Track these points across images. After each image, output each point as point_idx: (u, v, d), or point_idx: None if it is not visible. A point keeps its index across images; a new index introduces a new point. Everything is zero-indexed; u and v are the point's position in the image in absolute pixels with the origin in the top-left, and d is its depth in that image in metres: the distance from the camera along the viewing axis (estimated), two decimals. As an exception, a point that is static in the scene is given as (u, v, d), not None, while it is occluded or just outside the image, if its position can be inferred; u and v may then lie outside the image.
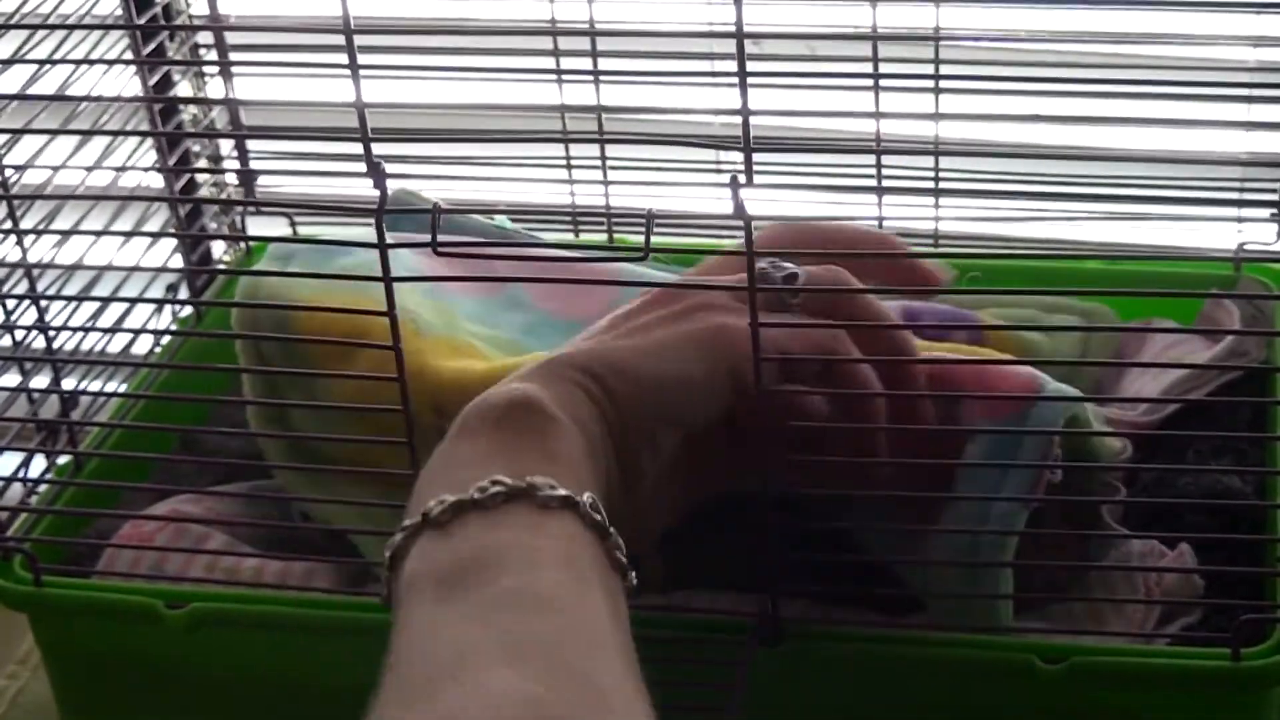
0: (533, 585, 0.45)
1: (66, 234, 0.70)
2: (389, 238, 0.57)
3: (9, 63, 0.63)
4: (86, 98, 0.70)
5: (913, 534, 0.60)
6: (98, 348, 0.79)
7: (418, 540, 0.48)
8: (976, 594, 0.59)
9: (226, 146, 0.88)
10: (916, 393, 0.58)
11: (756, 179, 0.52)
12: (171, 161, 0.84)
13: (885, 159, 0.77)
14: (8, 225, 0.67)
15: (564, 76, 0.79)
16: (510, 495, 0.48)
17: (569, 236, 0.85)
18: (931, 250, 0.80)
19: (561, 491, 0.48)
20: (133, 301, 0.76)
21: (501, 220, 0.79)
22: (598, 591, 0.46)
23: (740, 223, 0.53)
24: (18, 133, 0.66)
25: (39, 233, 0.69)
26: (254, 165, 0.87)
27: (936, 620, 0.61)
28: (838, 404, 0.57)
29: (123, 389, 0.79)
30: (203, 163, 0.89)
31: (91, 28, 0.73)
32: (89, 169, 0.74)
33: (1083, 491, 0.64)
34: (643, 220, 0.54)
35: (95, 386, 0.77)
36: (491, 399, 0.52)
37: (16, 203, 0.68)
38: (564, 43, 0.80)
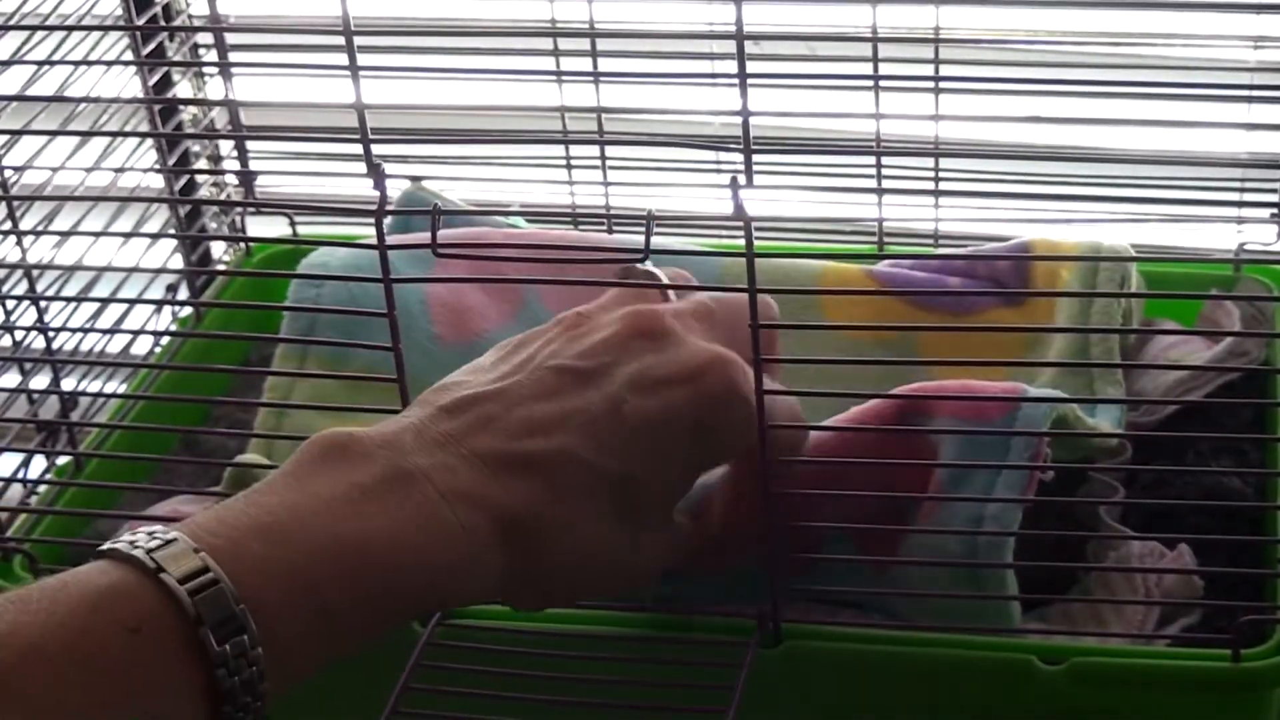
0: None
1: (66, 234, 0.70)
2: (397, 238, 0.57)
3: (9, 63, 0.63)
4: (86, 98, 0.70)
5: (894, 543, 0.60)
6: (97, 348, 0.79)
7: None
8: (961, 594, 0.59)
9: (226, 147, 0.88)
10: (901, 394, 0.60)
11: (756, 179, 0.52)
12: (171, 162, 0.84)
13: (885, 159, 0.77)
14: (7, 226, 0.67)
15: (564, 77, 0.79)
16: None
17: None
18: (932, 250, 0.80)
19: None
20: (132, 302, 0.76)
21: (515, 221, 0.79)
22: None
23: (740, 223, 0.53)
24: (17, 133, 0.66)
25: (38, 233, 0.69)
26: (254, 165, 0.87)
27: (942, 623, 0.61)
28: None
29: (122, 389, 0.79)
30: (202, 163, 0.89)
31: (91, 28, 0.73)
32: (88, 169, 0.73)
33: (1079, 492, 0.64)
34: (643, 220, 0.54)
35: (95, 387, 0.77)
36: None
37: (16, 203, 0.68)
38: (564, 43, 0.80)
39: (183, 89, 0.86)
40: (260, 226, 0.98)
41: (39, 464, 0.74)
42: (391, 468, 0.51)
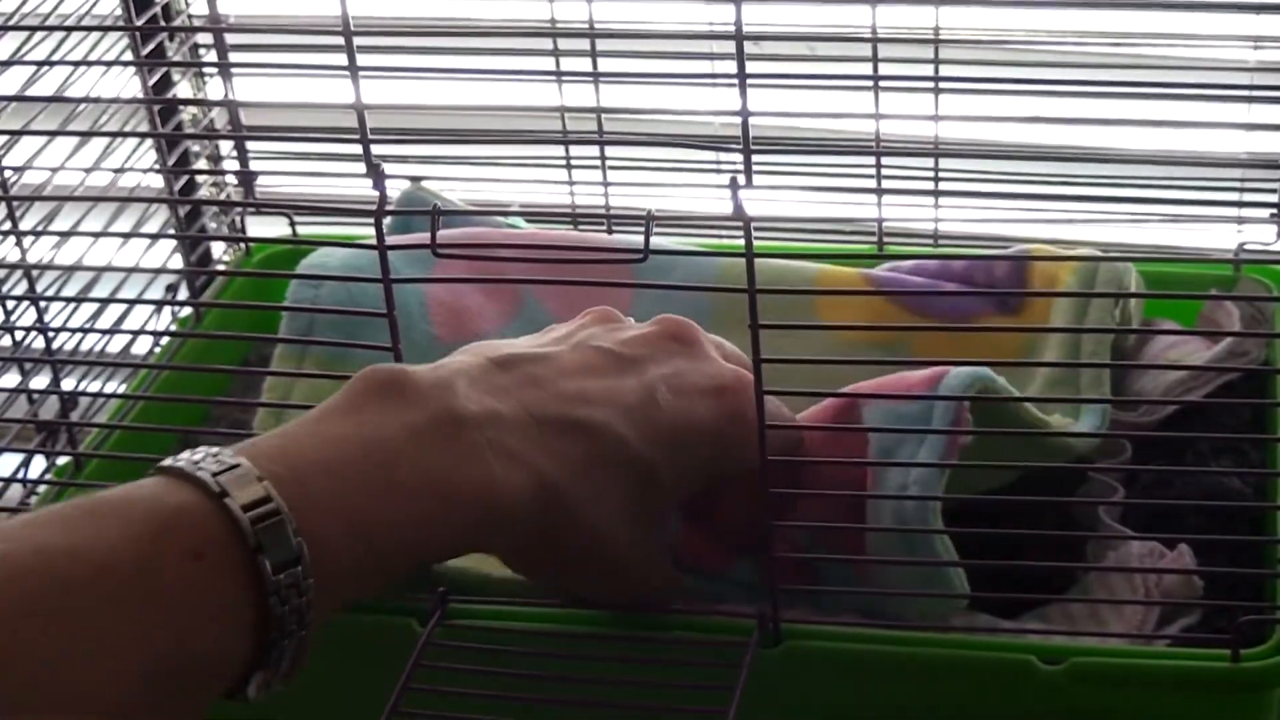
0: None
1: (66, 235, 0.70)
2: (397, 238, 0.57)
3: (9, 63, 0.63)
4: (86, 98, 0.70)
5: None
6: (97, 348, 0.79)
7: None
8: (914, 560, 0.59)
9: (226, 147, 0.88)
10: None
11: (756, 179, 0.52)
12: (171, 162, 0.84)
13: (885, 159, 0.77)
14: (7, 226, 0.67)
15: (564, 77, 0.79)
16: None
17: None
18: (931, 250, 0.80)
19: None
20: (132, 302, 0.76)
21: (515, 221, 0.79)
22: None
23: (740, 223, 0.53)
24: (17, 134, 0.66)
25: (38, 234, 0.69)
26: (254, 166, 0.87)
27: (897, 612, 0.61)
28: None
29: (122, 389, 0.79)
30: (202, 163, 0.89)
31: (91, 29, 0.73)
32: (88, 170, 0.74)
33: (1079, 492, 0.64)
34: (643, 220, 0.54)
35: (94, 387, 0.77)
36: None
37: (16, 203, 0.68)
38: (564, 43, 0.80)
39: (183, 89, 0.86)
40: (260, 226, 0.98)
41: (39, 464, 0.74)
42: (444, 410, 0.52)
